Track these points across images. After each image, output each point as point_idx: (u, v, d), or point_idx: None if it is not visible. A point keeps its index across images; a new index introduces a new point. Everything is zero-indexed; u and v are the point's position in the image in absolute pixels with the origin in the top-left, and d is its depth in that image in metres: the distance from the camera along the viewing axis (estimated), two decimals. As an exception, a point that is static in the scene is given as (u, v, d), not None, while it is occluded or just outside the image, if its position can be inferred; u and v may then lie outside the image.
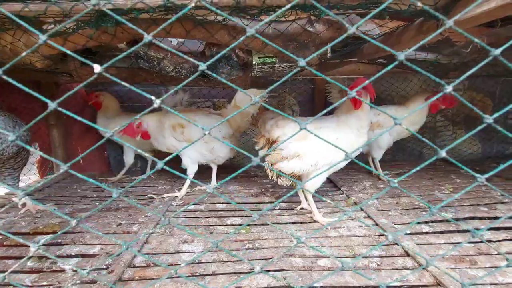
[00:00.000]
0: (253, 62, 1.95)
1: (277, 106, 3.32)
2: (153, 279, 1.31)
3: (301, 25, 1.21)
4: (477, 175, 0.59)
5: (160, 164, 0.67)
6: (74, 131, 3.32)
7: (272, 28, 1.21)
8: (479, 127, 0.64)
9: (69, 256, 1.54)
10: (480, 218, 1.85)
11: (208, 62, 0.63)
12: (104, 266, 1.43)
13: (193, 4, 0.57)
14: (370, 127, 2.66)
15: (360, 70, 2.87)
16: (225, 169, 3.32)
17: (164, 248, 1.59)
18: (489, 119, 0.62)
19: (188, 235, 1.73)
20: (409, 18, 1.32)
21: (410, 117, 2.67)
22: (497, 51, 0.60)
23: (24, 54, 0.61)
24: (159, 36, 1.28)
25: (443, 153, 0.62)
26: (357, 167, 3.24)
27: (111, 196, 2.67)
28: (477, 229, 1.71)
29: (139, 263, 1.44)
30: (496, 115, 0.63)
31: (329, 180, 2.71)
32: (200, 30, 1.22)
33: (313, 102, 3.31)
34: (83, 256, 1.55)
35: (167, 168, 0.68)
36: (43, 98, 0.61)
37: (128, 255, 1.47)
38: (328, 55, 2.48)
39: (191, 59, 0.67)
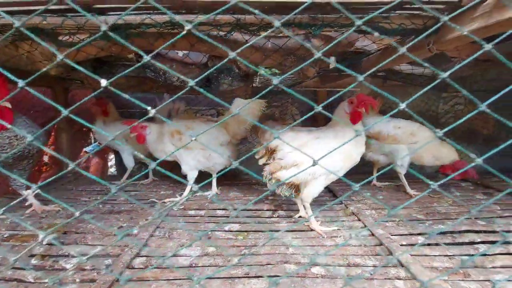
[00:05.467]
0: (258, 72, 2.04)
1: (280, 116, 3.39)
2: (150, 280, 1.35)
3: (299, 40, 1.28)
4: (431, 182, 0.64)
5: (152, 165, 0.74)
6: (77, 136, 3.44)
7: (272, 42, 1.28)
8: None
9: (72, 256, 1.60)
10: (477, 232, 1.85)
11: (197, 79, 0.70)
12: (104, 266, 1.48)
13: (189, 27, 0.64)
14: (385, 140, 2.68)
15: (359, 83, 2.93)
16: (226, 177, 3.38)
17: (162, 252, 1.63)
18: None
19: (186, 240, 1.77)
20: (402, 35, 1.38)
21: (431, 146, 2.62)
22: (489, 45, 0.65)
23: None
24: (166, 48, 1.37)
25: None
26: (357, 178, 3.24)
27: (115, 200, 2.73)
28: (474, 243, 1.73)
29: (137, 265, 1.49)
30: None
31: (328, 190, 2.73)
32: (203, 44, 1.30)
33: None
34: (83, 255, 1.61)
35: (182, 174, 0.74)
36: (58, 106, 0.68)
37: (127, 256, 1.51)
38: (331, 66, 2.55)
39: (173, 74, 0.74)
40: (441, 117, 3.43)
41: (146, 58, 0.61)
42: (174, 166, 2.70)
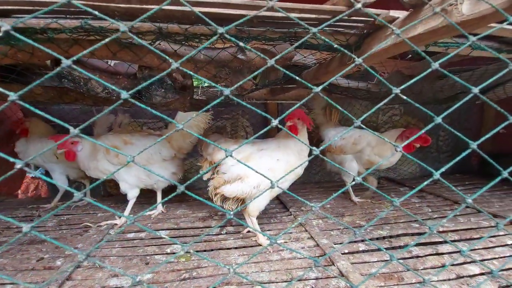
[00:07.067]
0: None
1: (231, 128, 3.34)
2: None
3: (231, 53, 1.26)
4: (394, 199, 0.69)
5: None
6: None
7: (204, 54, 1.24)
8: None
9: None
10: (412, 235, 1.97)
11: (131, 91, 0.61)
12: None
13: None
14: (333, 151, 2.76)
15: (305, 95, 3.04)
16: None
17: (88, 285, 1.43)
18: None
19: (120, 268, 1.59)
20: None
21: (375, 149, 2.60)
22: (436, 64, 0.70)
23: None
24: (84, 56, 1.24)
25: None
26: (309, 187, 3.32)
27: (42, 227, 2.39)
28: (407, 246, 1.82)
29: (54, 305, 1.28)
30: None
31: (279, 201, 2.73)
32: (127, 53, 1.20)
33: (266, 124, 3.39)
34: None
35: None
36: None
37: (42, 295, 1.29)
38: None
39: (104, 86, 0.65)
40: (380, 127, 3.72)
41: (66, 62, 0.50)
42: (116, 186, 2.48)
